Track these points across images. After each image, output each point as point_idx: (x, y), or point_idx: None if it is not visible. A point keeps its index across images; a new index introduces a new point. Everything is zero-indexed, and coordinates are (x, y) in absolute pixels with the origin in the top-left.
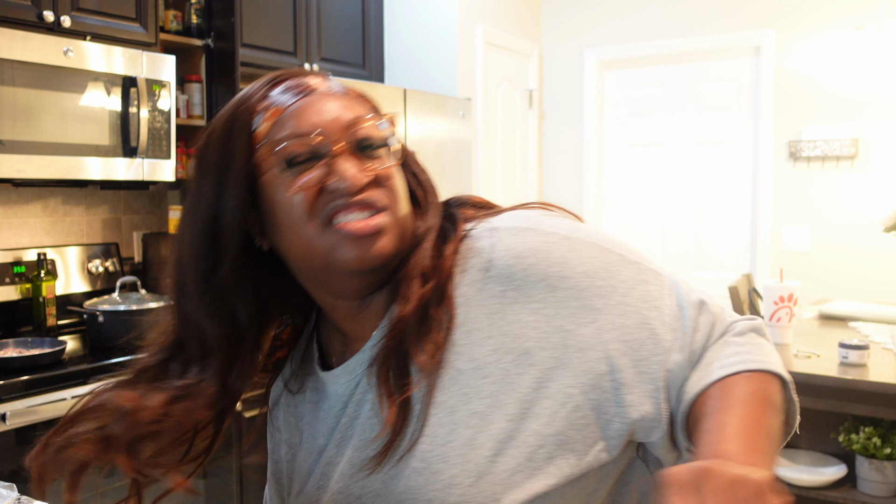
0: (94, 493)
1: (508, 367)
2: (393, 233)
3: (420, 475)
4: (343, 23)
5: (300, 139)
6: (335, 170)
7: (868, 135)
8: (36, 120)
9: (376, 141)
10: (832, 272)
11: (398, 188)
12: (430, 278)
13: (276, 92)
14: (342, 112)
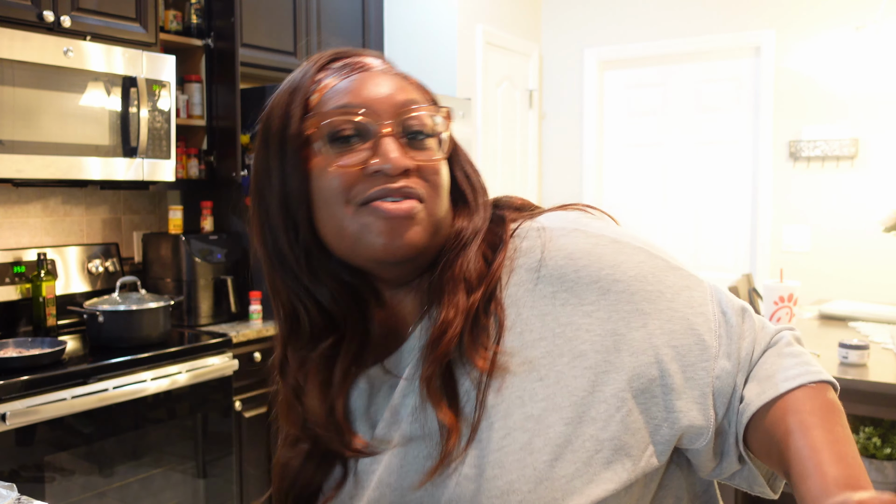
0: (94, 493)
1: (563, 369)
2: (425, 225)
3: (472, 482)
4: (343, 23)
5: (347, 114)
6: (379, 151)
7: (868, 135)
8: (36, 120)
9: (427, 130)
10: (832, 272)
11: (441, 184)
12: (477, 286)
13: (336, 66)
14: (396, 93)
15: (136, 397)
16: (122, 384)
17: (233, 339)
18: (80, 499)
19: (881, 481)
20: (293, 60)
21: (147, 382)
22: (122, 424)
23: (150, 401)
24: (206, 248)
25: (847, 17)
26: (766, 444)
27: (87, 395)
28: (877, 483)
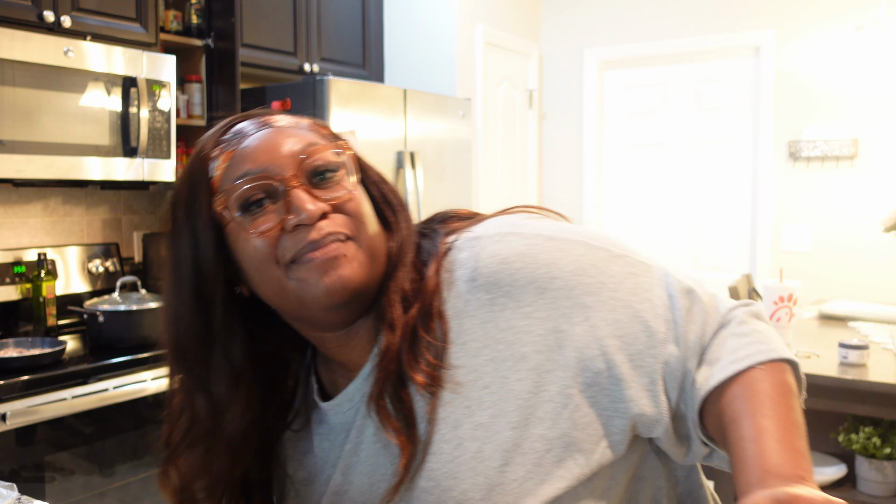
0: (94, 493)
1: (507, 374)
2: (359, 258)
3: (430, 494)
4: (343, 23)
5: (252, 180)
6: (292, 206)
7: (868, 135)
8: (36, 120)
9: (331, 166)
10: (832, 272)
11: (362, 211)
12: (413, 301)
13: (227, 136)
14: (290, 143)
15: (136, 397)
16: (122, 384)
17: None
18: (80, 499)
19: (881, 481)
20: (293, 60)
21: (147, 382)
22: (122, 424)
23: (150, 401)
24: None
25: (847, 17)
26: (718, 428)
27: (87, 395)
28: (877, 483)
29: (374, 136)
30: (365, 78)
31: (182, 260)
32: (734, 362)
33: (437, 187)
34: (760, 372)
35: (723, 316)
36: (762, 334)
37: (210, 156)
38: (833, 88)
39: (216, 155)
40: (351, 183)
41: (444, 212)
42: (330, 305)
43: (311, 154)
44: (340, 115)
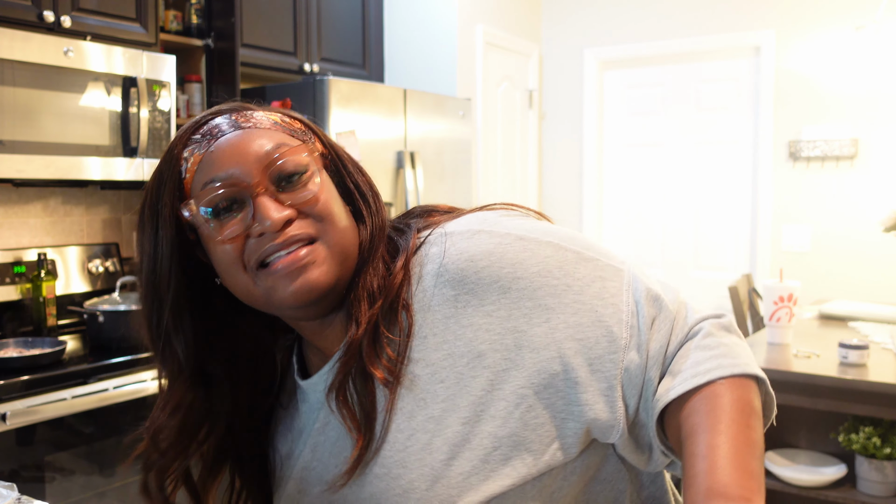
0: (94, 493)
1: (462, 370)
2: (328, 261)
3: (381, 481)
4: (343, 23)
5: (218, 188)
6: (256, 213)
7: (868, 135)
8: (36, 120)
9: (298, 169)
10: (832, 272)
11: (329, 211)
12: (377, 297)
13: (198, 135)
14: (259, 147)
15: (136, 397)
16: (122, 384)
17: None
18: (80, 499)
19: (881, 481)
20: (293, 60)
21: (147, 382)
22: (121, 424)
23: (150, 401)
24: None
25: (847, 17)
26: (677, 441)
27: (87, 395)
28: (876, 483)
29: (374, 136)
30: (365, 78)
31: (143, 256)
32: (696, 375)
33: (437, 187)
34: (722, 387)
35: (690, 327)
36: (728, 348)
37: (181, 156)
38: (833, 88)
39: (186, 157)
40: (317, 183)
41: (424, 206)
42: (297, 307)
43: (276, 159)
44: (340, 115)
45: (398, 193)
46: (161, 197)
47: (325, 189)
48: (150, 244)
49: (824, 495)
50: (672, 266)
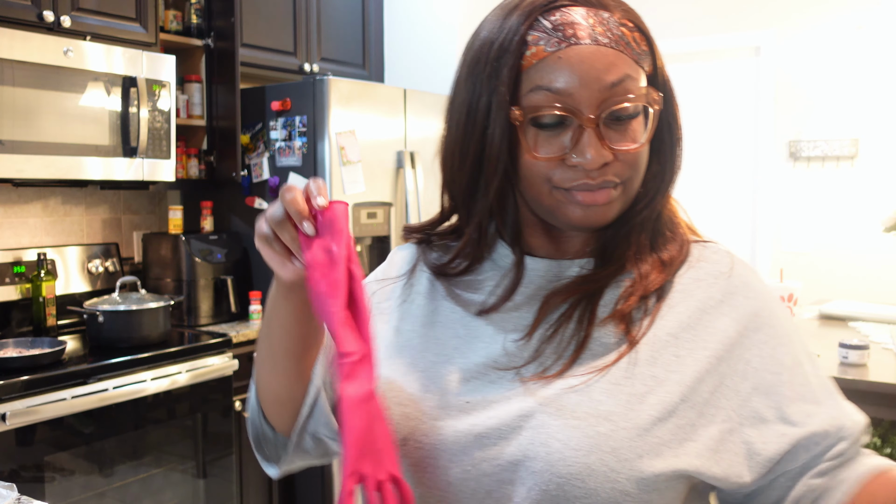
0: (94, 493)
1: (701, 362)
2: (621, 202)
3: (577, 393)
4: (343, 23)
5: (552, 104)
6: (579, 144)
7: (868, 135)
8: (36, 120)
9: (633, 112)
10: (832, 272)
11: (640, 163)
12: (660, 269)
13: (548, 22)
14: (605, 76)
15: (136, 397)
16: (122, 384)
17: (233, 339)
18: (80, 499)
19: None
20: (293, 60)
21: (147, 382)
22: (122, 424)
23: (150, 401)
24: (206, 248)
25: (847, 17)
26: None
27: (87, 395)
28: None
29: (374, 136)
30: (365, 78)
31: (471, 104)
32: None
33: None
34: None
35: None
36: None
37: (525, 36)
38: (833, 88)
39: (530, 42)
40: (644, 134)
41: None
42: (572, 230)
43: (618, 98)
44: (340, 115)
45: (398, 193)
46: (500, 73)
47: (648, 134)
48: (486, 105)
49: None
50: None
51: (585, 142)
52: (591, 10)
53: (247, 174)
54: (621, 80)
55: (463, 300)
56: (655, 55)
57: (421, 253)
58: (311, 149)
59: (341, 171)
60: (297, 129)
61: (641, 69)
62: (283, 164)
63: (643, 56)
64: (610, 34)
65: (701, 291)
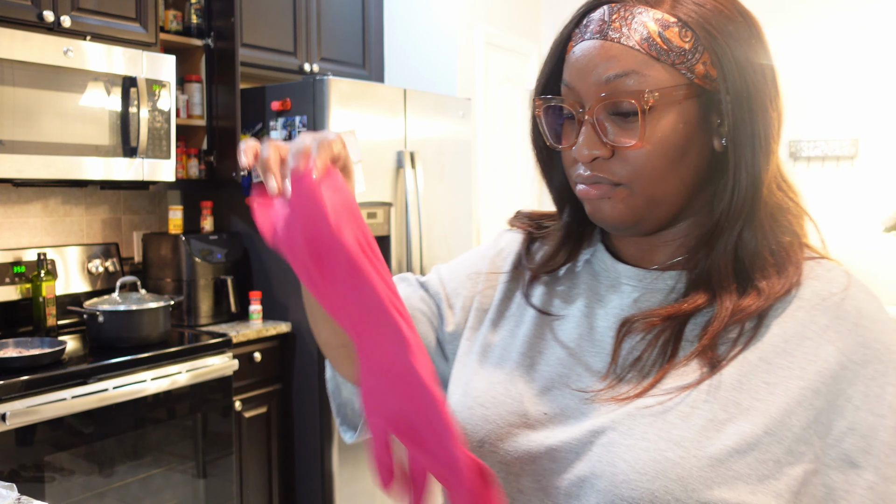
0: (94, 493)
1: (794, 393)
2: (628, 203)
3: (652, 415)
4: (343, 23)
5: (564, 94)
6: (578, 136)
7: (868, 135)
8: (36, 120)
9: (632, 108)
10: None
11: (646, 164)
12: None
13: (584, 20)
14: (602, 70)
15: (136, 397)
16: (122, 384)
17: (233, 339)
18: (80, 499)
19: None
20: (293, 60)
21: (147, 382)
22: (122, 424)
23: (150, 401)
24: (206, 248)
25: (847, 17)
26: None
27: (87, 395)
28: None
29: (374, 136)
30: (365, 78)
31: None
32: None
33: (437, 187)
34: None
35: None
36: None
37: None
38: (833, 88)
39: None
40: (650, 129)
41: None
42: (605, 228)
43: (612, 94)
44: (340, 115)
45: (398, 193)
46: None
47: (658, 133)
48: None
49: None
50: None
51: (582, 135)
52: (629, 7)
53: (247, 174)
54: (621, 74)
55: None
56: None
57: (525, 245)
58: None
59: None
60: (297, 129)
61: (667, 66)
62: None
63: (675, 54)
64: (628, 30)
65: (803, 313)
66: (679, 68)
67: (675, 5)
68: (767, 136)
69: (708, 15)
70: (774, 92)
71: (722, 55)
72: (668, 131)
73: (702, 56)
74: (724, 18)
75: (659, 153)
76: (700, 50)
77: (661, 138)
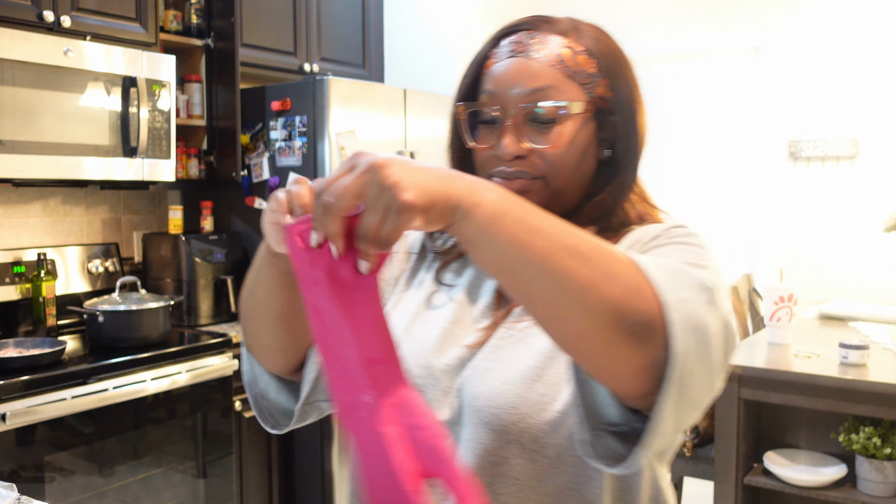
0: (94, 493)
1: None
2: (541, 195)
3: (514, 340)
4: (343, 23)
5: (484, 104)
6: (501, 137)
7: (868, 135)
8: (36, 120)
9: (549, 116)
10: (832, 272)
11: (562, 163)
12: None
13: (504, 42)
14: (526, 82)
15: (136, 397)
16: (122, 384)
17: (233, 339)
18: (80, 499)
19: (881, 481)
20: (293, 60)
21: (147, 382)
22: (122, 424)
23: (150, 401)
24: (206, 248)
25: (847, 17)
26: None
27: (87, 395)
28: (877, 483)
29: (374, 136)
30: (365, 78)
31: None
32: None
33: None
34: None
35: None
36: None
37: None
38: (833, 88)
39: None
40: (565, 133)
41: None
42: None
43: (533, 105)
44: (340, 115)
45: None
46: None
47: (569, 139)
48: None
49: (824, 495)
50: None
51: (504, 137)
52: (543, 34)
53: (247, 174)
54: (542, 88)
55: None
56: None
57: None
58: (311, 149)
59: None
60: (297, 129)
61: (577, 85)
62: (283, 164)
63: (583, 76)
64: (546, 52)
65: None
66: (585, 88)
67: (580, 37)
68: (636, 153)
69: (605, 49)
70: (643, 119)
71: (616, 82)
72: (573, 138)
73: (601, 80)
74: (616, 54)
75: (566, 155)
76: (601, 75)
77: (569, 143)
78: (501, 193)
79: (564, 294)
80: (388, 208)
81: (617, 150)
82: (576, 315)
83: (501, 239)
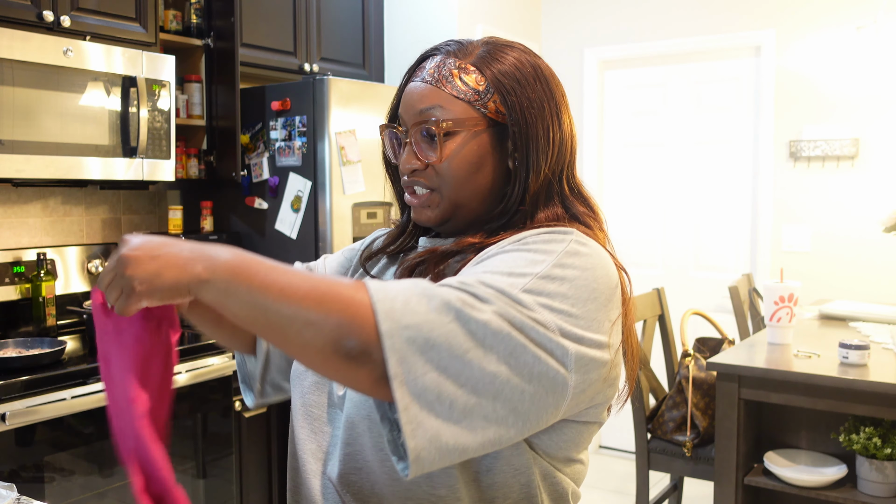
0: (94, 493)
1: None
2: (441, 207)
3: None
4: (343, 23)
5: (389, 126)
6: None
7: (868, 135)
8: (36, 120)
9: (437, 132)
10: (832, 272)
11: (455, 176)
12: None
13: (419, 66)
14: (417, 104)
15: None
16: None
17: None
18: (79, 499)
19: (882, 481)
20: (293, 60)
21: None
22: None
23: None
24: None
25: (847, 17)
26: None
27: (87, 395)
28: (877, 483)
29: (374, 136)
30: (365, 78)
31: None
32: None
33: None
34: None
35: None
36: None
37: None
38: (833, 88)
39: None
40: (452, 149)
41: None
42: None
43: (422, 122)
44: (340, 115)
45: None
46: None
47: (455, 152)
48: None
49: (825, 495)
50: (672, 266)
51: (404, 152)
52: (444, 57)
53: (247, 174)
54: (429, 108)
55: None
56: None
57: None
58: (311, 149)
59: (341, 171)
60: (296, 129)
61: (464, 103)
62: (282, 164)
63: (471, 94)
64: (437, 75)
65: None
66: (474, 105)
67: (479, 60)
68: (543, 160)
69: (503, 68)
70: (555, 128)
71: (508, 97)
72: (461, 151)
73: (492, 97)
74: (517, 71)
75: (455, 167)
76: (491, 92)
77: (456, 156)
78: (235, 262)
79: (294, 333)
80: (122, 291)
81: (518, 160)
82: (307, 347)
83: (236, 301)
